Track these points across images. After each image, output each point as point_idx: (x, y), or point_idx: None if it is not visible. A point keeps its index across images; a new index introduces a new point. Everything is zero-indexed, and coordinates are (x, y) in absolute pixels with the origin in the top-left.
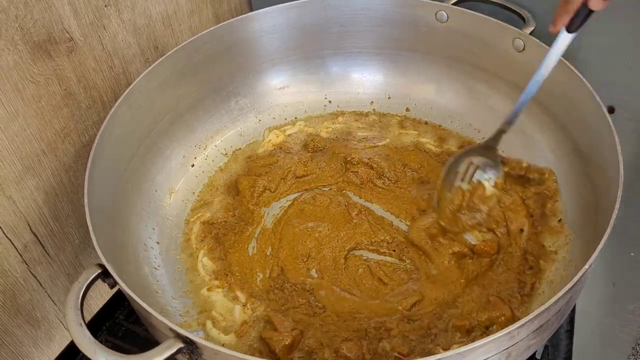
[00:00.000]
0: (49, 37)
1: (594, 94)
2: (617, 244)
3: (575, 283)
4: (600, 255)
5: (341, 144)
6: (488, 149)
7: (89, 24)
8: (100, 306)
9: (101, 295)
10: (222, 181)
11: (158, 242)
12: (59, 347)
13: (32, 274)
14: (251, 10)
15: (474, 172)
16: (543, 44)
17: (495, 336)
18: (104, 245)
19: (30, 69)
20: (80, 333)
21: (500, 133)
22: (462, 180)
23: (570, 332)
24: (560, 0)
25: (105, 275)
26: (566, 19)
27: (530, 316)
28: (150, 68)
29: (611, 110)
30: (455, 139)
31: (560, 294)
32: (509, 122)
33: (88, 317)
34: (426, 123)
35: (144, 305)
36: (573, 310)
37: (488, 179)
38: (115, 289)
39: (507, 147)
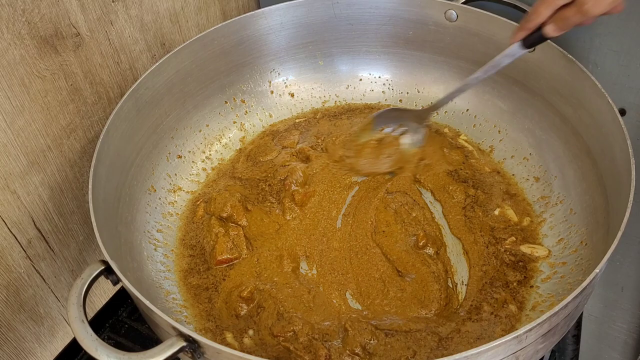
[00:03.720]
0: (56, 31)
1: (606, 95)
2: (627, 247)
3: (585, 287)
4: (609, 259)
5: None
6: (419, 117)
7: (96, 19)
8: (104, 303)
9: (104, 292)
10: (227, 179)
11: (163, 240)
12: (61, 344)
13: (36, 269)
14: (259, 7)
15: (401, 131)
16: (553, 44)
17: (503, 340)
18: (107, 242)
19: (36, 64)
20: (82, 330)
21: (433, 109)
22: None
23: (577, 337)
24: (523, 17)
25: (108, 272)
26: (523, 34)
27: (539, 320)
28: (157, 65)
29: (622, 112)
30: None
31: (569, 298)
32: (443, 103)
33: (91, 314)
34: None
35: (146, 302)
36: (580, 315)
37: (408, 142)
38: (118, 286)
39: (517, 149)
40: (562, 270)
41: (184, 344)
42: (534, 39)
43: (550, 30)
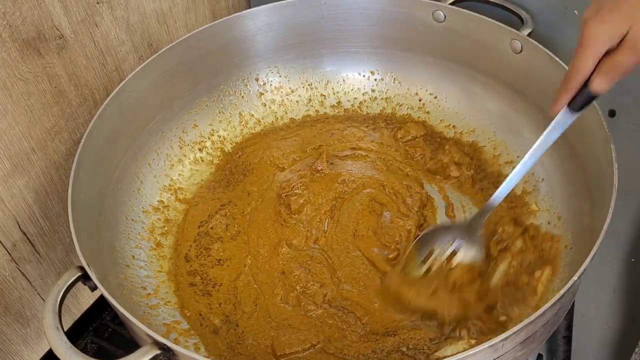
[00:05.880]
0: (39, 34)
1: None
2: (618, 249)
3: (563, 295)
4: (600, 260)
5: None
6: (471, 229)
7: (80, 21)
8: (90, 304)
9: (90, 293)
10: (215, 181)
11: (147, 242)
12: (48, 345)
13: (22, 272)
14: (249, 6)
15: (452, 250)
16: (540, 46)
17: (478, 349)
18: (87, 247)
19: (19, 67)
20: (56, 337)
21: (484, 213)
22: (438, 255)
23: (568, 338)
24: (562, 80)
25: (86, 278)
26: (567, 97)
27: (516, 328)
28: (142, 66)
29: (612, 113)
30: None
31: (547, 305)
32: (493, 205)
33: (78, 315)
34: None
35: (121, 309)
36: (572, 316)
37: (464, 260)
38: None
39: (503, 151)
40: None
41: (158, 351)
42: (582, 100)
43: (598, 84)
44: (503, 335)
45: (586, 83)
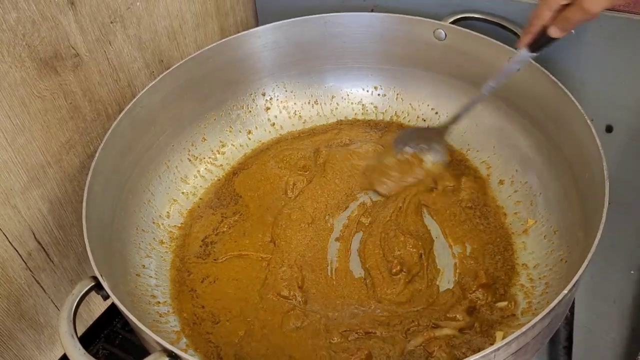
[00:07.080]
0: (56, 53)
1: (585, 116)
2: (618, 261)
3: (554, 307)
4: (600, 272)
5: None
6: (439, 134)
7: (94, 40)
8: (102, 312)
9: (103, 302)
10: (222, 194)
11: (157, 253)
12: (61, 351)
13: (36, 280)
14: (257, 23)
15: (422, 149)
16: (537, 64)
17: (470, 359)
18: (100, 257)
19: (36, 85)
20: (72, 345)
21: (451, 123)
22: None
23: (568, 349)
24: (527, 22)
25: (98, 287)
26: (528, 38)
27: (507, 340)
28: (153, 83)
29: (609, 129)
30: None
31: (538, 317)
32: (459, 117)
33: (90, 321)
34: None
35: (132, 318)
36: (572, 327)
37: (431, 160)
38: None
39: (503, 164)
40: (541, 286)
41: (167, 359)
42: (539, 43)
43: (554, 31)
44: (494, 347)
45: (544, 30)
